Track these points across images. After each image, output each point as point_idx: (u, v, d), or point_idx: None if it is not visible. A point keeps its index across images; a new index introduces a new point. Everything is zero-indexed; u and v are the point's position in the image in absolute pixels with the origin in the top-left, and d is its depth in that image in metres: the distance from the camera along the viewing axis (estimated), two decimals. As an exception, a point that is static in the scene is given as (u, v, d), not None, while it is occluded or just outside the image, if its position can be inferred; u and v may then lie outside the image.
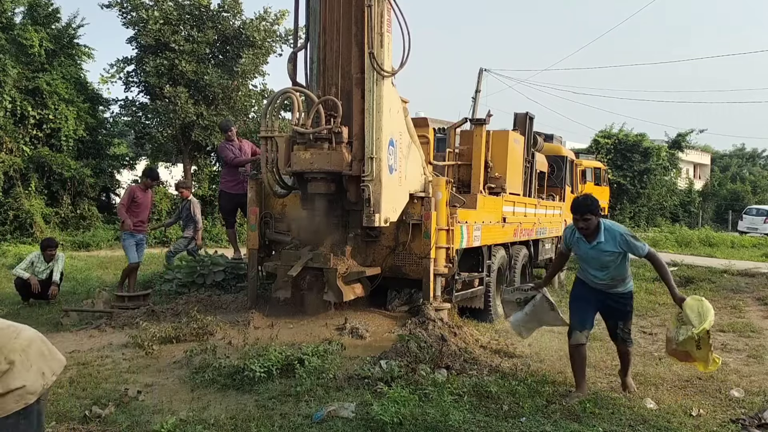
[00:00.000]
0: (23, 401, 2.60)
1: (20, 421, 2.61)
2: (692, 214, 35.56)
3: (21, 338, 2.64)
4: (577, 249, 4.88)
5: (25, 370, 2.60)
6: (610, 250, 4.64)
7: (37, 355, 2.71)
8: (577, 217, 4.69)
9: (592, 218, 4.64)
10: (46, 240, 8.88)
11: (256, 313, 6.51)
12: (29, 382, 2.61)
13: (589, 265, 4.83)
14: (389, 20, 6.03)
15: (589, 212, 4.66)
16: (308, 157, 6.15)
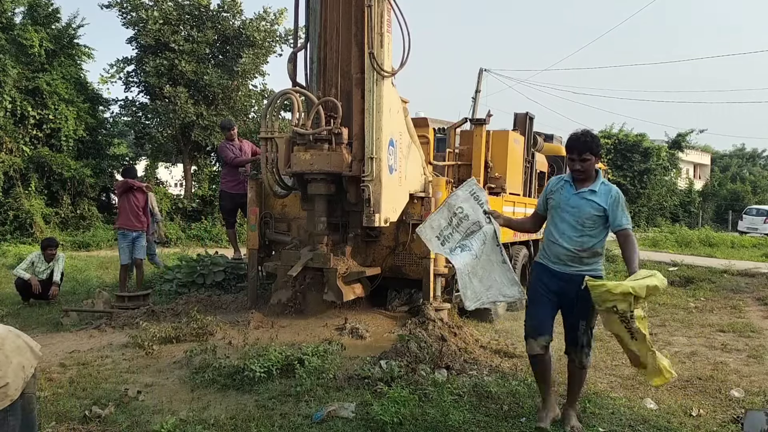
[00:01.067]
0: (8, 399, 2.59)
1: (7, 418, 2.62)
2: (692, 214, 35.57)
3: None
4: (557, 196, 3.95)
5: (6, 368, 2.59)
6: (598, 202, 3.78)
7: (14, 350, 2.68)
8: (573, 156, 3.86)
9: (592, 159, 3.83)
10: (47, 240, 8.87)
11: (256, 313, 6.50)
12: (11, 378, 2.60)
13: (563, 220, 3.88)
14: (389, 20, 6.03)
15: (588, 151, 3.81)
16: (308, 158, 6.15)
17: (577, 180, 3.90)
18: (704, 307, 9.10)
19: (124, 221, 8.43)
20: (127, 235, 8.45)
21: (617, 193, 3.86)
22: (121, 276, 8.55)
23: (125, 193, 8.51)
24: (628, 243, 3.80)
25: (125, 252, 8.47)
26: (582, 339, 3.95)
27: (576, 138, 3.85)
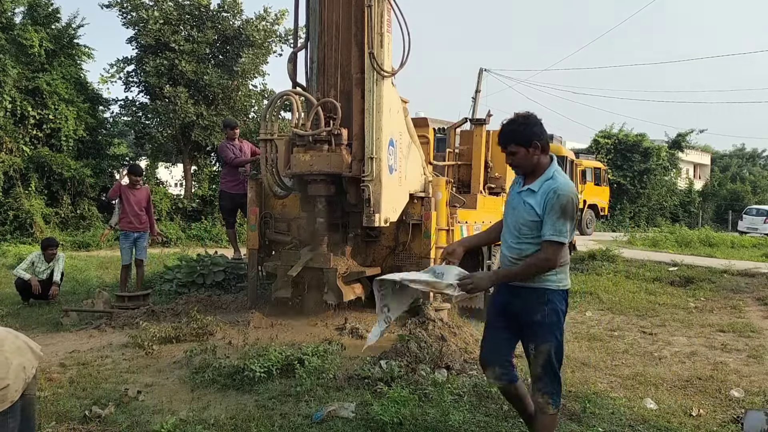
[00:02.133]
0: (9, 400, 2.59)
1: (8, 420, 2.61)
2: (692, 214, 35.55)
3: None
4: (509, 196, 3.44)
5: (6, 370, 2.58)
6: (533, 205, 3.11)
7: (14, 351, 2.67)
8: (502, 149, 3.29)
9: (520, 151, 3.16)
10: (47, 240, 8.87)
11: (256, 313, 6.50)
12: (11, 380, 2.59)
13: (506, 223, 3.34)
14: (389, 20, 6.03)
15: (512, 142, 3.18)
16: (308, 159, 6.15)
17: (524, 176, 3.28)
18: (704, 307, 9.10)
19: (126, 222, 8.43)
20: (129, 236, 8.44)
21: (556, 194, 3.05)
22: (122, 276, 8.55)
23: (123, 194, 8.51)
24: (534, 259, 3.12)
25: (126, 252, 8.47)
26: (534, 370, 3.23)
27: (501, 127, 3.25)
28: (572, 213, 3.06)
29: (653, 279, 11.71)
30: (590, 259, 13.45)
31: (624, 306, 9.10)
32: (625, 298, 9.75)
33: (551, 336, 3.16)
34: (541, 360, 3.17)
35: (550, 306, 3.14)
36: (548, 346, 3.15)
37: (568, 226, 3.06)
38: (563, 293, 3.21)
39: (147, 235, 8.66)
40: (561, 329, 3.21)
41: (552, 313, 3.15)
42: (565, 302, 3.25)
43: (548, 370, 3.19)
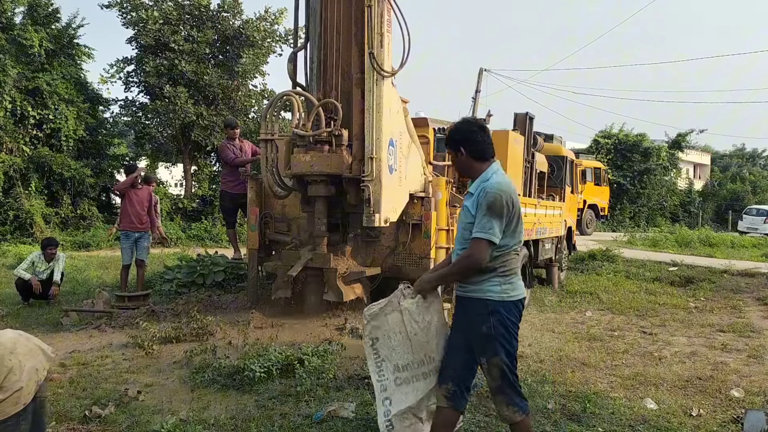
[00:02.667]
0: (22, 403, 2.62)
1: (20, 421, 2.64)
2: (692, 214, 35.53)
3: (3, 344, 2.63)
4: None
5: (20, 373, 2.61)
6: (467, 206, 3.13)
7: (26, 354, 2.70)
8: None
9: (452, 155, 3.28)
10: (47, 239, 8.88)
11: (256, 313, 6.51)
12: (24, 382, 2.62)
13: (457, 230, 3.32)
14: (389, 20, 6.03)
15: (446, 147, 3.32)
16: (308, 159, 6.15)
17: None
18: (704, 307, 9.10)
19: (127, 222, 8.43)
20: (130, 236, 8.44)
21: (484, 191, 3.03)
22: (122, 276, 8.55)
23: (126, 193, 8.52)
24: (460, 255, 3.10)
25: (127, 252, 8.47)
26: (492, 383, 3.11)
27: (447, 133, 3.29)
28: (499, 210, 2.97)
29: (653, 279, 11.72)
30: (590, 259, 13.46)
31: (624, 306, 9.10)
32: (625, 298, 9.75)
33: (500, 348, 3.03)
34: (495, 373, 3.06)
35: (495, 317, 3.02)
36: (498, 359, 3.04)
37: (495, 223, 2.96)
38: (512, 304, 3.07)
39: (148, 235, 8.65)
40: (511, 340, 3.07)
41: (499, 325, 3.02)
42: (517, 312, 3.11)
43: (505, 381, 3.07)
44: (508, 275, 3.08)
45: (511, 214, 3.03)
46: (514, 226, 3.08)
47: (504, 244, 3.04)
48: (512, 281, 3.09)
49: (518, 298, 3.11)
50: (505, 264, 3.07)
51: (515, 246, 3.10)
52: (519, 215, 3.10)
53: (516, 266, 3.12)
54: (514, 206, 3.05)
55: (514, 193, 3.08)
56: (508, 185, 3.10)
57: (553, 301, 9.47)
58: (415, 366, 3.20)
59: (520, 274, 3.19)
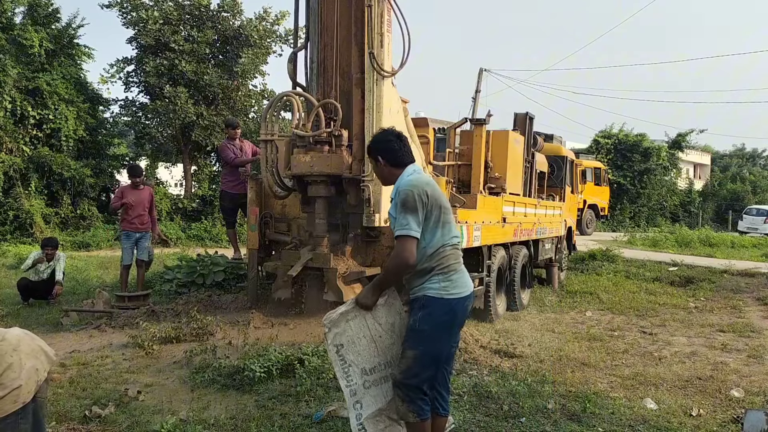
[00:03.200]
0: (21, 401, 2.61)
1: (19, 420, 2.64)
2: (692, 214, 35.53)
3: (8, 340, 2.65)
4: None
5: (20, 371, 2.61)
6: (390, 212, 3.18)
7: (28, 353, 2.71)
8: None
9: (372, 163, 3.37)
10: (46, 239, 8.92)
11: (256, 313, 6.51)
12: (24, 381, 2.62)
13: None
14: (389, 20, 6.03)
15: (368, 153, 3.45)
16: (308, 160, 6.15)
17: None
18: (704, 307, 9.10)
19: (127, 223, 8.44)
20: (131, 236, 8.45)
21: (397, 191, 3.11)
22: (123, 276, 8.55)
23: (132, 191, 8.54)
24: (388, 260, 3.14)
25: (128, 252, 8.47)
26: (394, 374, 3.11)
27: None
28: (412, 205, 2.98)
29: (653, 279, 11.72)
30: (590, 259, 13.46)
31: (624, 306, 9.11)
32: (625, 298, 9.76)
33: (418, 344, 3.01)
34: (402, 365, 3.05)
35: (424, 311, 3.02)
36: (412, 353, 3.02)
37: (411, 218, 2.97)
38: (449, 302, 3.03)
39: (149, 235, 8.65)
40: (433, 340, 3.01)
41: (425, 321, 3.00)
42: (453, 312, 3.05)
43: (407, 377, 3.02)
44: (448, 272, 3.07)
45: (428, 207, 3.02)
46: (437, 219, 3.06)
47: (435, 240, 3.05)
48: (452, 278, 3.07)
49: (458, 296, 3.07)
50: (442, 261, 3.06)
51: (450, 242, 3.10)
52: (442, 207, 3.07)
53: (455, 262, 3.10)
54: (430, 198, 3.03)
55: (429, 186, 3.08)
56: (422, 181, 3.10)
57: (553, 301, 9.47)
58: (382, 368, 3.22)
59: (463, 270, 3.16)
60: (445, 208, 3.11)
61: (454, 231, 3.15)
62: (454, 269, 3.10)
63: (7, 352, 2.60)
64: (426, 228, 3.04)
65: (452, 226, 3.14)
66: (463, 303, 3.10)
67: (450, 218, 3.13)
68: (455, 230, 3.18)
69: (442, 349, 3.09)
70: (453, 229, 3.15)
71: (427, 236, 3.04)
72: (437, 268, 3.05)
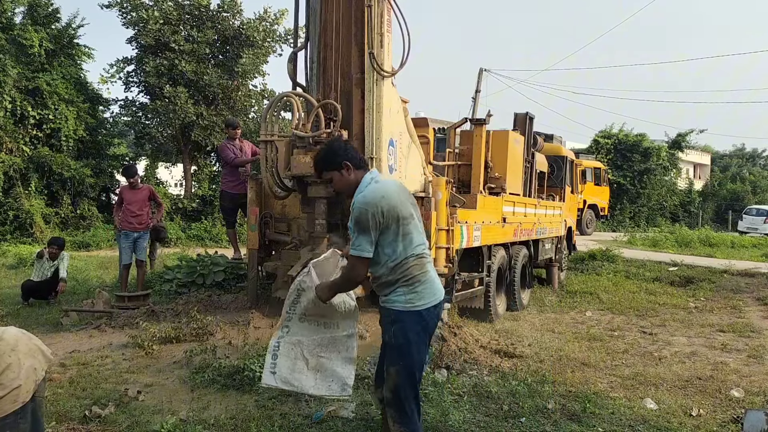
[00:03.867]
0: (20, 401, 2.62)
1: (18, 420, 2.64)
2: (692, 214, 35.53)
3: (6, 340, 2.65)
4: None
5: (18, 370, 2.62)
6: (349, 224, 3.20)
7: (26, 353, 2.71)
8: (318, 177, 3.58)
9: (334, 175, 3.28)
10: (53, 238, 8.99)
11: (256, 313, 6.51)
12: (23, 380, 2.63)
13: None
14: (389, 20, 6.03)
15: (324, 170, 3.29)
16: (308, 161, 6.14)
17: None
18: (704, 307, 9.10)
19: (126, 223, 8.46)
20: (129, 236, 8.46)
21: (353, 207, 3.09)
22: (123, 276, 8.56)
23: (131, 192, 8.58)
24: (343, 270, 3.25)
25: (126, 252, 8.48)
26: (385, 393, 3.11)
27: (314, 158, 3.34)
28: (365, 224, 2.96)
29: (653, 279, 11.72)
30: (590, 259, 13.46)
31: (624, 306, 9.11)
32: (625, 298, 9.76)
33: (398, 359, 3.02)
34: (389, 383, 3.05)
35: (397, 326, 3.02)
36: (394, 369, 3.03)
37: (363, 239, 2.97)
38: (418, 314, 3.02)
39: (147, 235, 8.68)
40: (411, 353, 3.02)
41: (399, 335, 3.01)
42: (425, 322, 3.04)
43: (394, 396, 3.03)
44: (412, 284, 3.04)
45: (383, 224, 2.97)
46: (395, 233, 3.00)
47: (397, 253, 3.02)
48: (417, 290, 3.04)
49: (425, 307, 3.04)
50: (406, 273, 3.03)
51: (414, 252, 3.04)
52: (400, 219, 3.00)
53: (420, 273, 3.06)
54: (386, 214, 2.97)
55: (384, 200, 3.00)
56: (377, 195, 3.02)
57: (553, 301, 9.47)
58: (322, 322, 3.38)
59: (430, 279, 3.10)
60: (404, 218, 3.02)
61: (417, 240, 3.09)
62: (419, 280, 3.06)
63: (5, 352, 2.60)
64: (384, 243, 3.01)
65: (415, 236, 3.08)
66: (433, 312, 3.09)
67: (411, 227, 3.06)
68: (420, 238, 3.12)
69: (420, 359, 3.09)
70: (416, 238, 3.09)
71: (387, 250, 3.02)
72: (401, 281, 3.03)
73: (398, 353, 3.03)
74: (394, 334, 3.02)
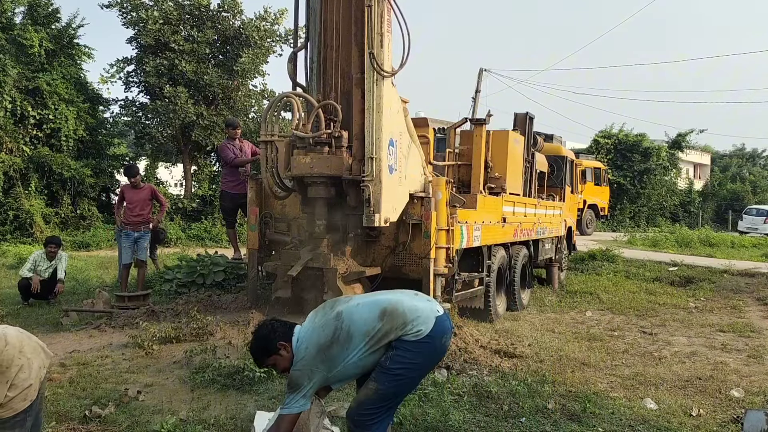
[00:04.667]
0: (29, 399, 2.76)
1: (26, 417, 2.78)
2: (692, 214, 35.51)
3: (12, 343, 2.74)
4: None
5: (29, 371, 2.75)
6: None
7: (32, 352, 2.82)
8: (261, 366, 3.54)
9: (276, 360, 3.21)
10: (49, 237, 8.96)
11: (256, 313, 6.51)
12: (33, 379, 2.76)
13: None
14: (389, 20, 6.03)
15: (267, 357, 3.19)
16: (308, 161, 6.15)
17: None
18: (704, 307, 9.10)
19: (126, 223, 8.48)
20: (130, 236, 8.47)
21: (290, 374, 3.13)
22: (123, 276, 8.56)
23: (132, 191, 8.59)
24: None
25: (126, 251, 8.49)
26: (353, 401, 3.24)
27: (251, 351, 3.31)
28: (295, 383, 3.03)
29: (653, 279, 11.72)
30: (590, 259, 13.46)
31: (624, 306, 9.11)
32: (625, 298, 9.76)
33: (382, 380, 3.07)
34: (361, 395, 3.13)
35: (397, 351, 3.06)
36: (374, 385, 3.08)
37: (293, 396, 3.02)
38: (420, 342, 3.06)
39: (148, 235, 8.68)
40: (405, 378, 3.09)
41: (397, 360, 3.05)
42: (426, 351, 3.10)
43: (359, 410, 3.09)
44: (401, 333, 3.06)
45: (323, 372, 3.04)
46: (342, 347, 3.04)
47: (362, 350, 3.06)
48: (406, 330, 3.06)
49: (425, 332, 3.07)
50: (380, 338, 3.08)
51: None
52: (338, 340, 3.03)
53: (395, 325, 3.07)
54: (320, 370, 3.03)
55: (308, 358, 3.04)
56: (301, 355, 3.07)
57: (553, 301, 9.47)
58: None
59: (412, 316, 3.10)
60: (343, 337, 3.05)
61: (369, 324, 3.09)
62: (401, 315, 3.09)
63: (15, 354, 2.70)
64: (339, 360, 3.05)
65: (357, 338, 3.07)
66: (431, 338, 3.09)
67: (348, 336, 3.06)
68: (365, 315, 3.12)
69: (398, 389, 3.16)
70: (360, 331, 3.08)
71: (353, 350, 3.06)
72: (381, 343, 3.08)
73: (385, 375, 3.08)
74: (390, 357, 3.06)
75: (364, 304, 3.18)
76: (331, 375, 3.08)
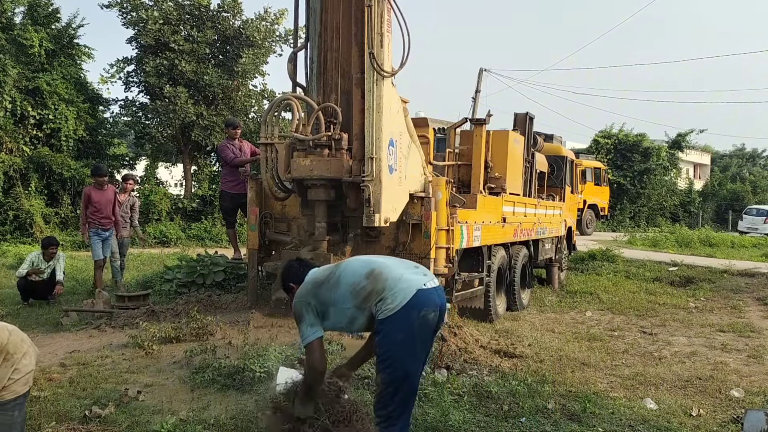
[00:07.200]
0: (28, 384, 3.07)
1: (24, 401, 3.08)
2: (692, 214, 35.51)
3: (14, 331, 3.03)
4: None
5: (31, 358, 3.06)
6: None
7: (29, 343, 3.11)
8: None
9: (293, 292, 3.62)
10: (47, 239, 8.96)
11: (256, 313, 6.51)
12: (33, 365, 3.09)
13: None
14: (389, 20, 6.03)
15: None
16: (308, 163, 6.15)
17: None
18: (704, 307, 9.10)
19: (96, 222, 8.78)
20: (101, 234, 8.81)
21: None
22: (97, 274, 8.81)
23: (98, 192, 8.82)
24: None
25: (98, 246, 8.79)
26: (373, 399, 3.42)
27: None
28: (297, 314, 3.33)
29: (653, 279, 11.73)
30: (590, 259, 13.47)
31: (624, 306, 9.11)
32: (625, 298, 9.76)
33: (382, 368, 3.16)
34: (377, 391, 3.27)
35: (380, 336, 3.16)
36: (380, 377, 3.20)
37: (303, 326, 3.29)
38: (394, 317, 3.08)
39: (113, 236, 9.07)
40: (395, 359, 3.12)
41: (382, 344, 3.15)
42: (403, 325, 3.09)
43: (379, 405, 3.19)
44: (374, 293, 3.17)
45: (314, 305, 3.29)
46: (330, 290, 3.27)
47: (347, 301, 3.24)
48: (384, 295, 3.14)
49: (398, 307, 3.10)
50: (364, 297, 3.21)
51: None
52: (328, 282, 3.30)
53: (376, 289, 3.17)
54: (312, 303, 3.29)
55: (304, 292, 3.35)
56: (301, 290, 3.39)
57: (553, 301, 9.47)
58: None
59: (393, 284, 3.16)
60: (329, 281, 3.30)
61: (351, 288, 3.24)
62: (378, 294, 3.17)
63: (18, 341, 3.01)
64: (327, 306, 3.28)
65: (345, 285, 3.26)
66: (413, 309, 3.12)
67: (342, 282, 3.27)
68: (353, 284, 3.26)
69: (401, 364, 3.17)
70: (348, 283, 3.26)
71: (340, 296, 3.26)
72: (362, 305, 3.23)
73: (382, 361, 3.20)
74: (379, 343, 3.18)
75: (361, 260, 3.46)
76: (322, 311, 3.28)
